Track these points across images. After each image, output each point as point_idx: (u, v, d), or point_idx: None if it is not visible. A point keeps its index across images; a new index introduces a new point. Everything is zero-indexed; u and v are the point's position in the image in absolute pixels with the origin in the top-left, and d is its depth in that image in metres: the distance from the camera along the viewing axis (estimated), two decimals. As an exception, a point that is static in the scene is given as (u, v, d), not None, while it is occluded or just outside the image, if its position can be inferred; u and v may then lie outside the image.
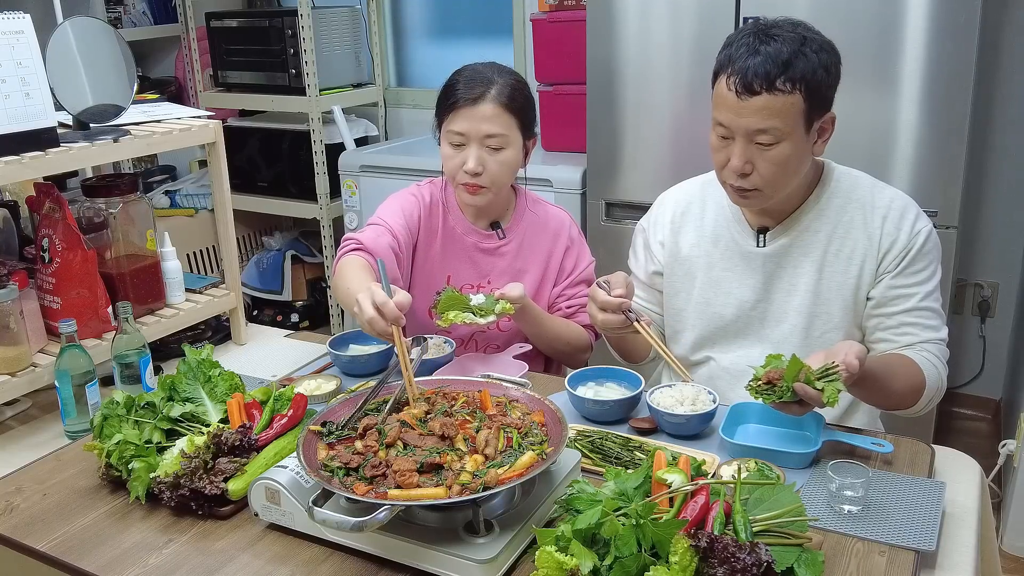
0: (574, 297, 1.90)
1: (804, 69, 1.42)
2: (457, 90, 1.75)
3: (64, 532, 1.27)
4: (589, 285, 1.82)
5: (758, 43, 1.43)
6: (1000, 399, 3.19)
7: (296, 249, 4.08)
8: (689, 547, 0.99)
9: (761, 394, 1.35)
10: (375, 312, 1.40)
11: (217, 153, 1.93)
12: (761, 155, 1.47)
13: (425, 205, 1.86)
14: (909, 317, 1.57)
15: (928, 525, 1.21)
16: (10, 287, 1.61)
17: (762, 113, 1.43)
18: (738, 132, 1.47)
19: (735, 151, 1.48)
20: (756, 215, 1.64)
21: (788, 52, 1.42)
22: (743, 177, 1.50)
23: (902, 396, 1.54)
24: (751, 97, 1.43)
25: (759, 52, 1.42)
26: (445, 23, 3.99)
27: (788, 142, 1.46)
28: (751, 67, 1.42)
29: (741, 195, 1.54)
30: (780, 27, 1.46)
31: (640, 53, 2.67)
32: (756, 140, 1.46)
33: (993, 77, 2.90)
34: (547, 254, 1.90)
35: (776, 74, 1.41)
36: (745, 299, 1.66)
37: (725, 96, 1.46)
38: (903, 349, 1.57)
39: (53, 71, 1.66)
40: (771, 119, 1.44)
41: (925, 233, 1.56)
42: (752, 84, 1.42)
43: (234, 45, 3.78)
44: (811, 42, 1.44)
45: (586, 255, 1.94)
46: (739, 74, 1.43)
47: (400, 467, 1.14)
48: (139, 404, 1.42)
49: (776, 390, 1.33)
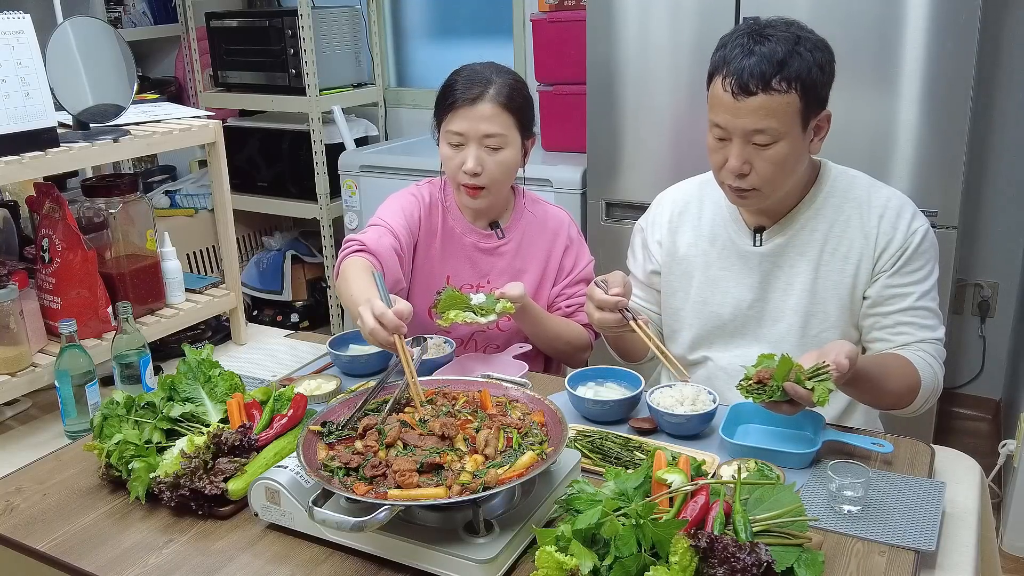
0: (573, 296, 1.90)
1: (799, 68, 1.42)
2: (455, 90, 1.75)
3: (64, 532, 1.27)
4: (588, 284, 1.83)
5: (752, 43, 1.44)
6: (1000, 399, 3.19)
7: (296, 249, 4.08)
8: (689, 547, 0.99)
9: (752, 393, 1.35)
10: (376, 323, 1.41)
11: (217, 153, 1.93)
12: (759, 155, 1.47)
13: (425, 205, 1.86)
14: (905, 316, 1.57)
15: (928, 525, 1.21)
16: (10, 287, 1.61)
17: (758, 113, 1.44)
18: (735, 133, 1.47)
19: (733, 152, 1.48)
20: (753, 215, 1.64)
21: (783, 52, 1.42)
22: (741, 177, 1.50)
23: (897, 396, 1.54)
24: (747, 97, 1.43)
25: (754, 52, 1.43)
26: (445, 23, 3.99)
27: (785, 141, 1.46)
28: (746, 67, 1.42)
29: (739, 195, 1.54)
30: (774, 27, 1.47)
31: (640, 53, 2.67)
32: (753, 140, 1.46)
33: (993, 77, 2.90)
34: (546, 253, 1.90)
35: (772, 74, 1.42)
36: (742, 298, 1.66)
37: (721, 97, 1.46)
38: (899, 349, 1.57)
39: (53, 71, 1.66)
40: (768, 119, 1.44)
41: (922, 232, 1.56)
42: (748, 84, 1.42)
43: (234, 45, 3.78)
44: (805, 41, 1.45)
45: (585, 254, 1.94)
46: (735, 75, 1.43)
47: (400, 467, 1.14)
48: (139, 404, 1.42)
49: (767, 390, 1.34)
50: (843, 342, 1.39)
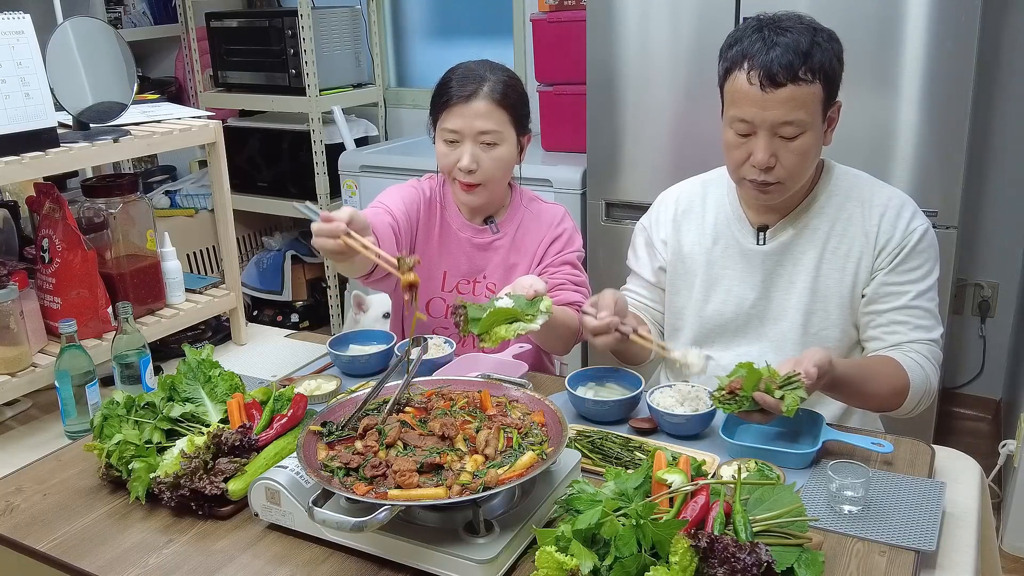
0: (555, 275, 1.84)
1: (822, 59, 1.44)
2: (450, 88, 1.75)
3: (64, 532, 1.27)
4: (572, 267, 1.84)
5: (773, 35, 1.44)
6: (1000, 399, 3.19)
7: (296, 249, 4.08)
8: (689, 547, 0.99)
9: (723, 404, 1.36)
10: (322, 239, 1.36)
11: (217, 153, 1.93)
12: (785, 147, 1.47)
13: (425, 199, 1.87)
14: (899, 315, 1.56)
15: (928, 525, 1.21)
16: (10, 287, 1.61)
17: (788, 104, 1.44)
18: (762, 126, 1.46)
19: (759, 145, 1.48)
20: (758, 213, 1.64)
21: (806, 43, 1.43)
22: (767, 171, 1.49)
23: (882, 399, 1.54)
24: (776, 89, 1.43)
25: (777, 44, 1.43)
26: (445, 23, 3.99)
27: (810, 132, 1.47)
28: (774, 59, 1.42)
29: (762, 189, 1.53)
30: (788, 19, 1.48)
31: (640, 53, 2.67)
32: (780, 133, 1.46)
33: (993, 77, 2.90)
34: (538, 245, 1.89)
35: (799, 64, 1.42)
36: (745, 297, 1.66)
37: (747, 91, 1.46)
38: (891, 349, 1.57)
39: (53, 71, 1.66)
40: (797, 110, 1.44)
41: (920, 231, 1.56)
42: (776, 76, 1.42)
43: (234, 45, 3.78)
44: (821, 32, 1.46)
45: (576, 242, 1.90)
46: (761, 67, 1.43)
47: (400, 467, 1.14)
48: (139, 404, 1.42)
49: (737, 400, 1.35)
50: (816, 350, 1.39)
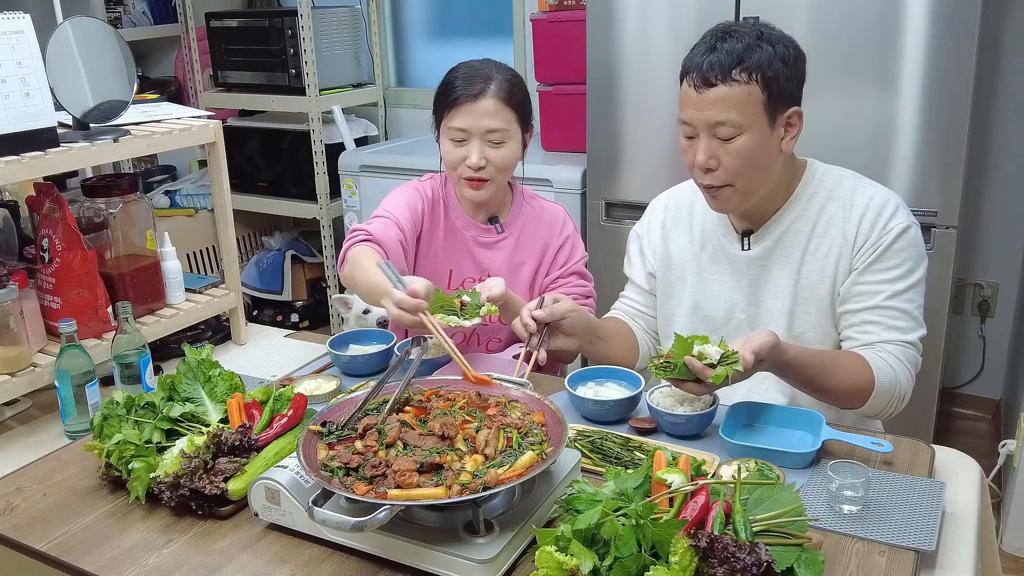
0: (564, 286, 1.90)
1: (760, 59, 1.45)
2: (456, 87, 1.76)
3: (64, 532, 1.26)
4: (580, 277, 1.90)
5: (716, 41, 1.48)
6: (1000, 399, 3.19)
7: (296, 249, 4.08)
8: (689, 547, 0.99)
9: (659, 370, 1.41)
10: (399, 311, 1.47)
11: (217, 153, 1.93)
12: (724, 148, 1.49)
13: (428, 200, 1.88)
14: (871, 315, 1.55)
15: (928, 525, 1.21)
16: (10, 287, 1.61)
17: (720, 105, 1.46)
18: (700, 127, 1.49)
19: (699, 147, 1.50)
20: (740, 219, 1.64)
21: (743, 46, 1.46)
22: (709, 173, 1.51)
23: (841, 394, 1.53)
24: (708, 89, 1.46)
25: (716, 49, 1.47)
26: (445, 23, 3.99)
27: (749, 134, 1.47)
28: (707, 61, 1.46)
29: (712, 193, 1.55)
30: (740, 26, 1.51)
31: (640, 53, 2.67)
32: (717, 134, 1.48)
33: (993, 77, 2.90)
34: (543, 246, 1.91)
35: (731, 65, 1.45)
36: (734, 302, 1.67)
37: (687, 93, 1.50)
38: (862, 348, 1.55)
39: (53, 71, 1.66)
40: (729, 110, 1.46)
41: (898, 229, 1.54)
42: (709, 77, 1.46)
43: (234, 45, 3.78)
44: (768, 36, 1.48)
45: (580, 249, 1.95)
46: (697, 69, 1.47)
47: (400, 467, 1.14)
48: (139, 404, 1.42)
49: (669, 366, 1.40)
50: (762, 332, 1.41)
